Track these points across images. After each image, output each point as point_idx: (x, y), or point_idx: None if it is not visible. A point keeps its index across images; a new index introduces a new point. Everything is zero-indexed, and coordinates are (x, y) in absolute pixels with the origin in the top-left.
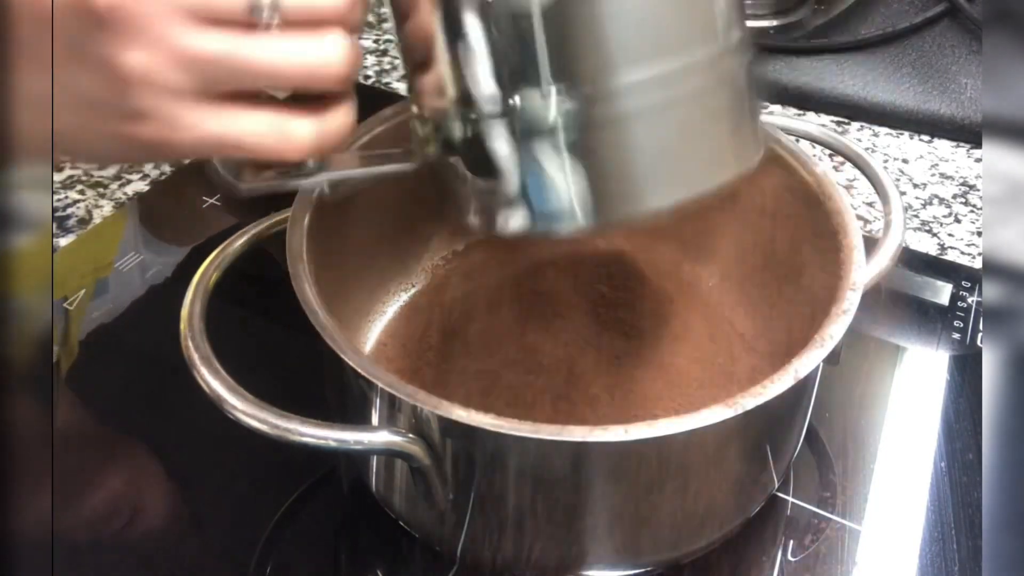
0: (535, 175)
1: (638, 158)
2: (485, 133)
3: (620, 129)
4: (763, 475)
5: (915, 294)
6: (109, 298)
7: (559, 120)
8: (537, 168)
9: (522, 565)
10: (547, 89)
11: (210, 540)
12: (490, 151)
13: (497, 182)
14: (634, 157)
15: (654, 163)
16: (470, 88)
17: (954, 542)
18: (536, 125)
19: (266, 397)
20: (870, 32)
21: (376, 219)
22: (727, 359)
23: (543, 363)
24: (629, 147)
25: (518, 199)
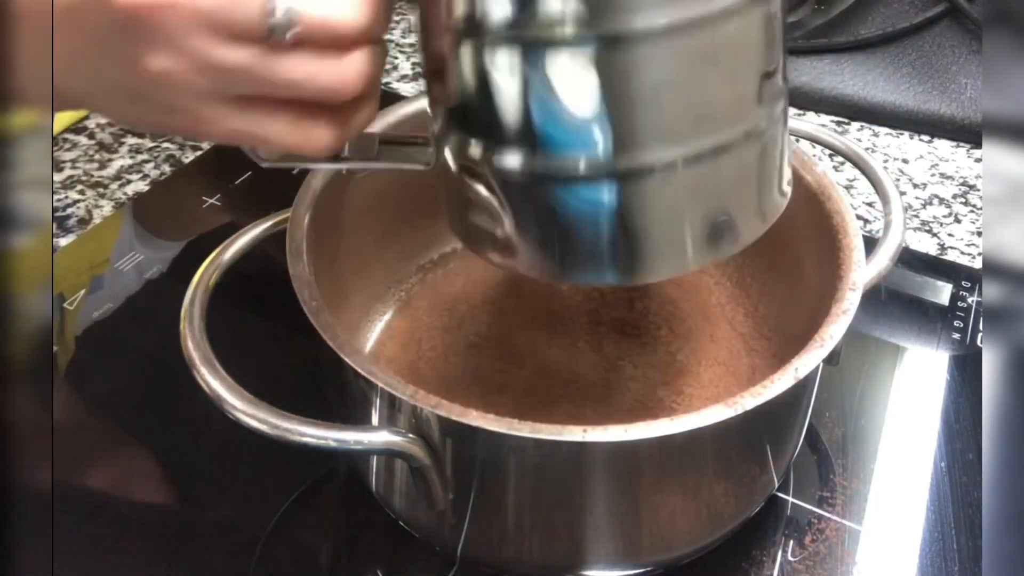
0: (543, 226)
1: (665, 226)
2: (512, 184)
3: (648, 198)
4: (763, 475)
5: (915, 294)
6: (109, 298)
7: (593, 188)
8: (551, 221)
9: (522, 565)
10: (578, 157)
11: (210, 540)
12: (517, 204)
13: (506, 222)
14: (661, 225)
15: (682, 232)
16: (496, 139)
17: (954, 542)
18: (564, 189)
19: (266, 397)
20: (870, 32)
21: (376, 219)
22: (727, 359)
23: (543, 363)
24: (656, 215)
25: (521, 243)
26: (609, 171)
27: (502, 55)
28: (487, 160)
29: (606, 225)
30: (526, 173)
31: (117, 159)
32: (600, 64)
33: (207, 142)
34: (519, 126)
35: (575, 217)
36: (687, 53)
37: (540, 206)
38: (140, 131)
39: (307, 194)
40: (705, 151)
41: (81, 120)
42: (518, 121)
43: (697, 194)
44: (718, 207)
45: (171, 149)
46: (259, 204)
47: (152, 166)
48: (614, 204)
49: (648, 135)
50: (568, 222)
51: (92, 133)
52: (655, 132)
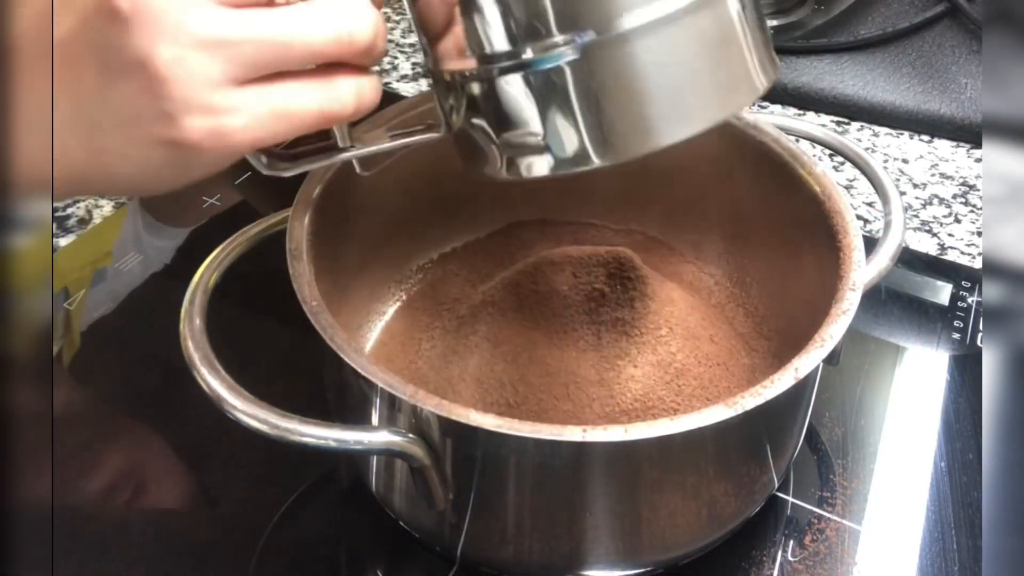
0: (552, 121)
1: (646, 98)
2: (503, 88)
3: (626, 72)
4: (763, 475)
5: (915, 294)
6: (109, 297)
7: (568, 68)
8: (553, 114)
9: (522, 565)
10: (554, 40)
11: (210, 540)
12: (509, 104)
13: (518, 132)
14: (642, 97)
15: (662, 101)
16: (485, 48)
17: (954, 542)
18: (548, 75)
19: (266, 397)
20: (870, 32)
21: (376, 219)
22: (727, 359)
23: (543, 363)
24: (636, 88)
25: (539, 146)
26: (580, 51)
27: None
28: (484, 77)
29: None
30: (516, 70)
31: None
32: None
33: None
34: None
35: (558, 105)
36: None
37: (536, 102)
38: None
39: (307, 194)
40: (664, 17)
41: None
42: (499, 26)
43: (663, 64)
44: (686, 76)
45: None
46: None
47: None
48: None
49: (610, 8)
50: (554, 110)
51: None
52: (617, 4)
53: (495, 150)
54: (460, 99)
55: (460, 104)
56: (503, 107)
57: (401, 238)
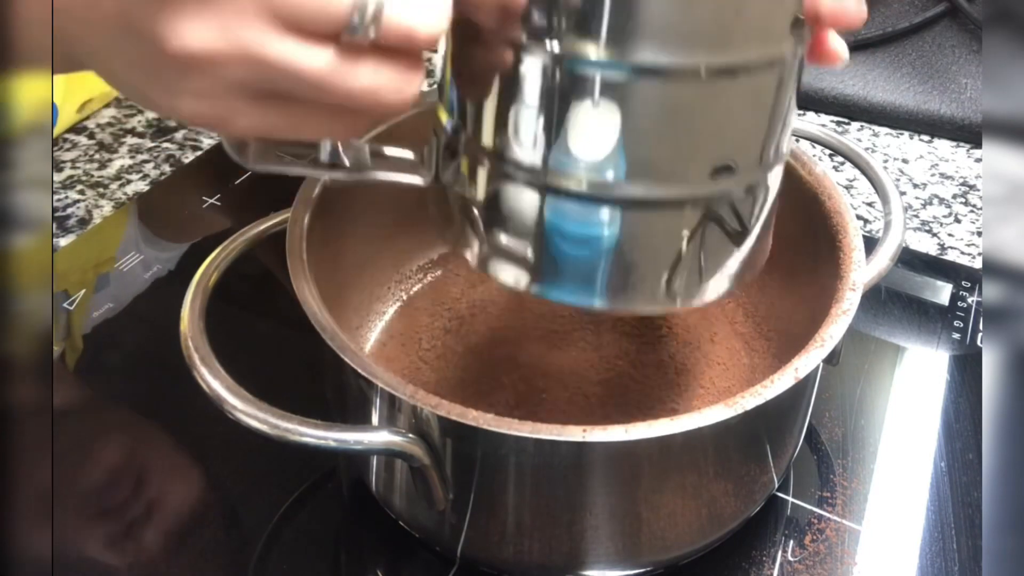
0: (552, 251)
1: (661, 260)
2: (519, 196)
3: (647, 230)
4: (763, 475)
5: (915, 294)
6: (110, 298)
7: (588, 206)
8: (556, 244)
9: (522, 565)
10: (584, 174)
11: (210, 540)
12: (519, 213)
13: (511, 241)
14: (658, 258)
15: (663, 272)
16: (512, 146)
17: (954, 542)
18: (566, 206)
19: (266, 397)
20: (870, 32)
21: (375, 219)
22: (727, 359)
23: (543, 363)
24: (651, 247)
25: (526, 262)
26: (614, 196)
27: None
28: (497, 167)
29: (601, 247)
30: (538, 183)
31: (117, 159)
32: (628, 93)
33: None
34: (538, 137)
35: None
36: (714, 95)
37: (537, 219)
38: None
39: (307, 194)
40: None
41: (81, 120)
42: (536, 132)
43: (697, 236)
44: (709, 254)
45: (171, 149)
46: (259, 204)
47: (152, 166)
48: (613, 228)
49: (659, 170)
50: (551, 234)
51: (92, 133)
52: (666, 169)
53: (474, 236)
54: (463, 169)
55: (460, 175)
56: (510, 211)
57: (401, 238)
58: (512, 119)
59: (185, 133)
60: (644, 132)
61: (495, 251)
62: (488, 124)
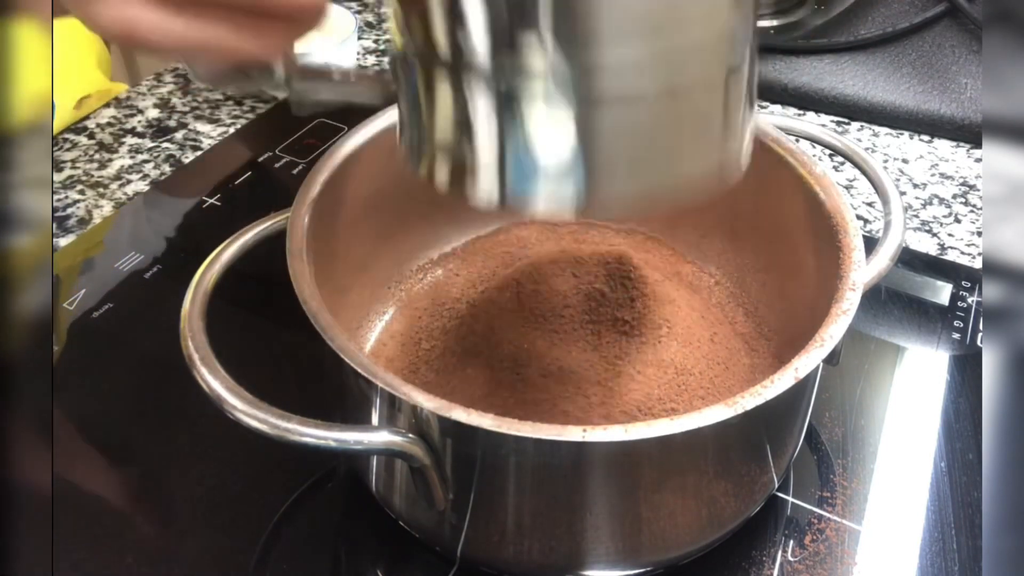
0: (512, 144)
1: (624, 147)
2: (469, 87)
3: (609, 110)
4: (763, 475)
5: (915, 294)
6: (109, 297)
7: (549, 86)
8: (515, 137)
9: (522, 565)
10: (542, 52)
11: (210, 540)
12: (471, 107)
13: (470, 142)
14: (621, 144)
15: (639, 156)
16: (462, 38)
17: (954, 542)
18: (524, 89)
19: (266, 397)
20: (870, 32)
21: (376, 219)
22: (727, 359)
23: (543, 363)
24: (617, 132)
25: (485, 165)
26: (568, 71)
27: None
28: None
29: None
30: (490, 73)
31: (117, 159)
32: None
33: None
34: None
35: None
36: None
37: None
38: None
39: (307, 194)
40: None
41: (81, 120)
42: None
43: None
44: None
45: (171, 149)
46: (259, 204)
47: (152, 166)
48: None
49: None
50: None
51: (92, 133)
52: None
53: (436, 147)
54: (417, 74)
55: (415, 80)
56: (464, 107)
57: (401, 238)
58: (464, 21)
59: (185, 133)
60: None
61: (464, 167)
62: (440, 32)
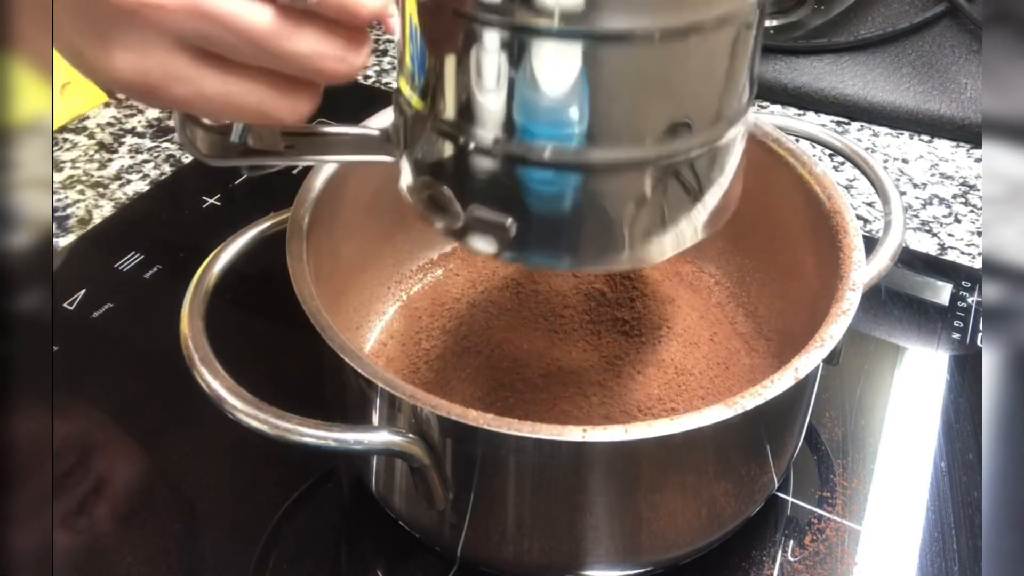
0: (515, 210)
1: (627, 219)
2: (479, 160)
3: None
4: (763, 475)
5: (915, 294)
6: (109, 297)
7: (553, 172)
8: (515, 205)
9: (522, 565)
10: (544, 140)
11: (210, 540)
12: (479, 178)
13: (476, 206)
14: (624, 218)
15: (638, 226)
16: (473, 117)
17: (954, 542)
18: (529, 168)
19: (266, 397)
20: (870, 32)
21: (376, 219)
22: (727, 359)
23: (543, 363)
24: (616, 207)
25: (494, 227)
26: (576, 162)
27: (491, 38)
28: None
29: (568, 210)
30: (499, 152)
31: (117, 159)
32: (583, 60)
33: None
34: (498, 106)
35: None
36: (669, 57)
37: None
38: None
39: (307, 194)
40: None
41: (81, 120)
42: (497, 100)
43: (659, 195)
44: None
45: (171, 149)
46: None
47: (152, 166)
48: (578, 192)
49: (619, 134)
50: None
51: (92, 133)
52: (626, 131)
53: (446, 208)
54: (429, 142)
55: (427, 148)
56: (478, 181)
57: (402, 238)
58: (470, 90)
59: None
60: (602, 97)
61: (467, 221)
62: (449, 96)
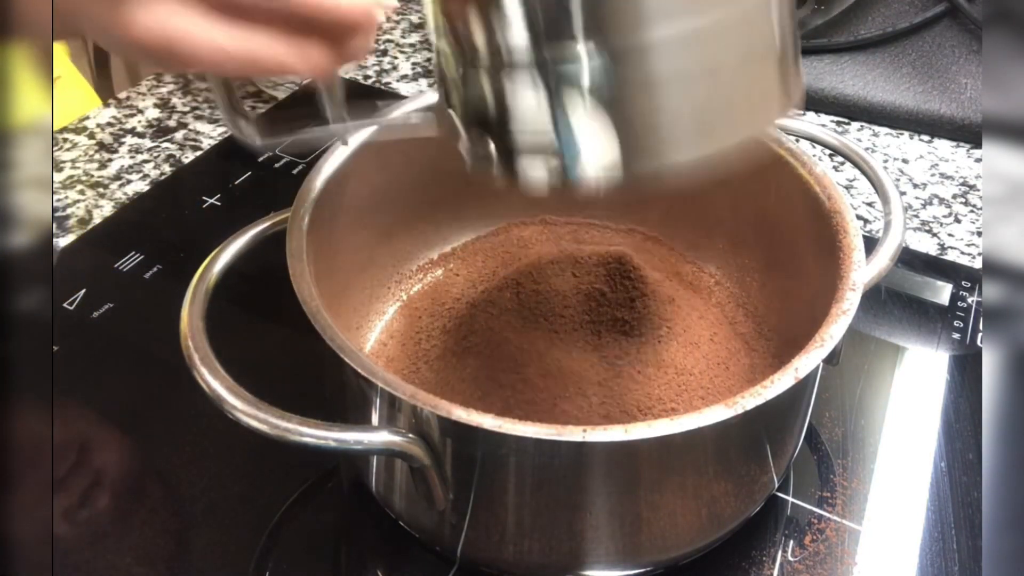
0: (563, 128)
1: (665, 114)
2: (516, 84)
3: (647, 86)
4: (763, 475)
5: (915, 294)
6: (109, 297)
7: (589, 74)
8: (565, 121)
9: (522, 565)
10: (578, 42)
11: (210, 540)
12: (521, 103)
13: (526, 134)
14: (661, 113)
15: (681, 119)
16: (504, 39)
17: (954, 542)
18: (566, 78)
19: (266, 397)
20: (870, 32)
21: (376, 219)
22: (727, 359)
23: (543, 363)
24: (655, 104)
25: (545, 151)
26: (604, 57)
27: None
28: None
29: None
30: (533, 67)
31: (117, 159)
32: None
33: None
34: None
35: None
36: None
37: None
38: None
39: (307, 194)
40: (694, 32)
41: (81, 120)
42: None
43: (685, 83)
44: (708, 97)
45: (171, 149)
46: (259, 204)
47: (152, 166)
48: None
49: (639, 14)
50: (567, 116)
51: (92, 133)
52: (647, 10)
53: (494, 149)
54: (467, 90)
55: (465, 92)
56: (514, 105)
57: (401, 238)
58: (497, 18)
59: (185, 133)
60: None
61: (521, 152)
62: (491, 23)
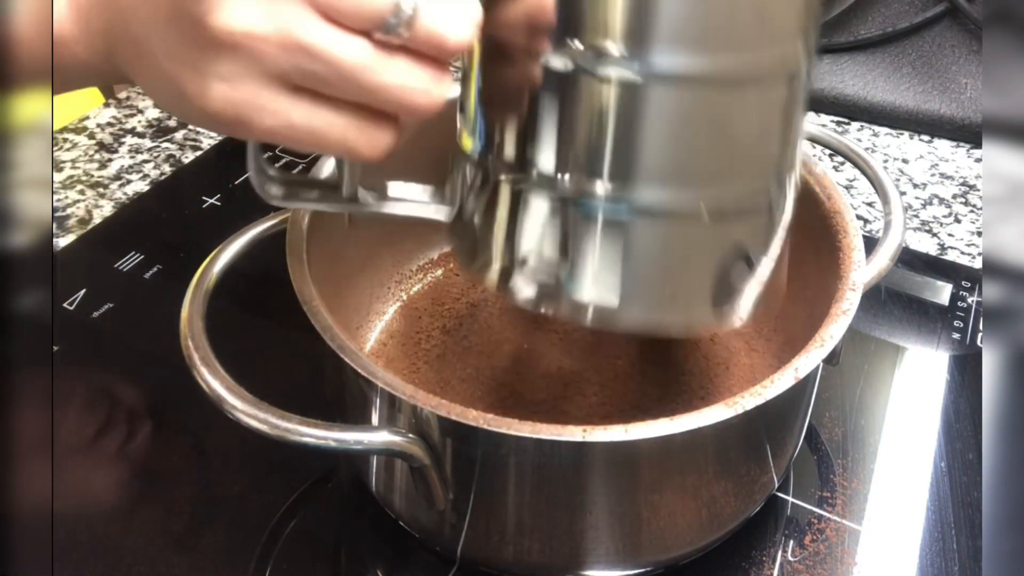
0: (572, 259)
1: (673, 273)
2: (535, 206)
3: (664, 249)
4: (763, 475)
5: (915, 294)
6: (108, 297)
7: (604, 215)
8: (576, 254)
9: (522, 565)
10: (603, 184)
11: (210, 540)
12: (533, 223)
13: (534, 257)
14: (669, 272)
15: (689, 283)
16: (538, 166)
17: (954, 542)
18: (584, 214)
19: (266, 397)
20: (870, 32)
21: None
22: (727, 359)
23: (543, 363)
24: (667, 262)
25: (545, 276)
26: (662, 209)
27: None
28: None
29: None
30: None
31: (117, 159)
32: (662, 102)
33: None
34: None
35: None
36: (738, 103)
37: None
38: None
39: None
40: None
41: (81, 120)
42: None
43: (710, 250)
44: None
45: (171, 149)
46: (259, 204)
47: (152, 166)
48: (657, 242)
49: (674, 177)
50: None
51: (92, 133)
52: (681, 174)
53: (497, 259)
54: (495, 194)
55: (491, 200)
56: (532, 226)
57: (402, 238)
58: (546, 136)
59: (185, 133)
60: (687, 141)
61: (530, 275)
62: (526, 143)
